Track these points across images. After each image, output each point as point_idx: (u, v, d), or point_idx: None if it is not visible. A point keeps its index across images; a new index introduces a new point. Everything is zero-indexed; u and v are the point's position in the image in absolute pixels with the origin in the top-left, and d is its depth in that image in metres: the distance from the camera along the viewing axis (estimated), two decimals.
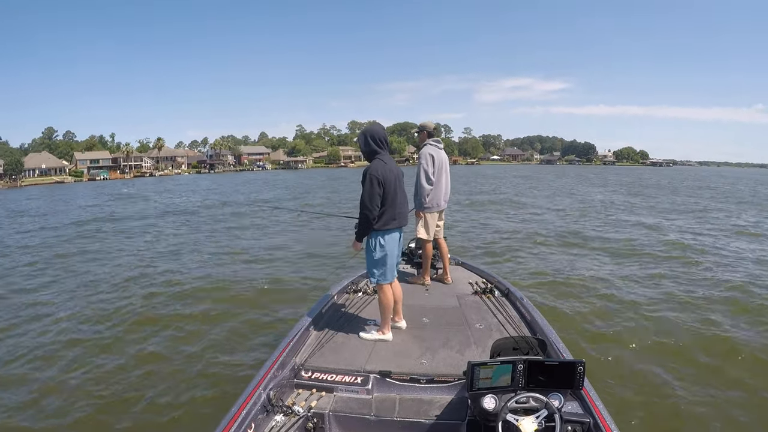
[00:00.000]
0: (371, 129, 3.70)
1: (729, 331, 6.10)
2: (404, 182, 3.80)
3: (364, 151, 3.68)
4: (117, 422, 4.18)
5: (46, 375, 5.07)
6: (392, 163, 3.67)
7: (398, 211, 3.66)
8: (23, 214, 23.43)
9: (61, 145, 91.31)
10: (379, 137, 3.63)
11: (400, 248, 3.83)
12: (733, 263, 9.89)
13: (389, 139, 3.73)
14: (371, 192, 3.48)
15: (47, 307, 7.38)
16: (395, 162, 3.74)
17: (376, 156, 3.62)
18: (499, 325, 4.01)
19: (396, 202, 3.62)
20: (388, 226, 3.61)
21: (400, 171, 3.74)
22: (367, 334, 3.77)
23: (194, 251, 11.69)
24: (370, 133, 3.65)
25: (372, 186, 3.48)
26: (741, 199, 27.85)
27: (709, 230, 14.76)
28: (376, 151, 3.63)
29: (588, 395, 2.71)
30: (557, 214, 18.79)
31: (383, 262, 3.67)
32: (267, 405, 2.79)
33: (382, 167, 3.54)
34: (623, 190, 34.11)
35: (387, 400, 3.02)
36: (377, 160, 3.59)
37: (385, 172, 3.53)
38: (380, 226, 3.59)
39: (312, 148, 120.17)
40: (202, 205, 22.46)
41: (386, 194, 3.55)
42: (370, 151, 3.64)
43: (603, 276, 8.70)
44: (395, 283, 3.89)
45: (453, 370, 3.20)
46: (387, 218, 3.60)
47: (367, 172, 3.52)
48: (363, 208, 3.52)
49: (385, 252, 3.65)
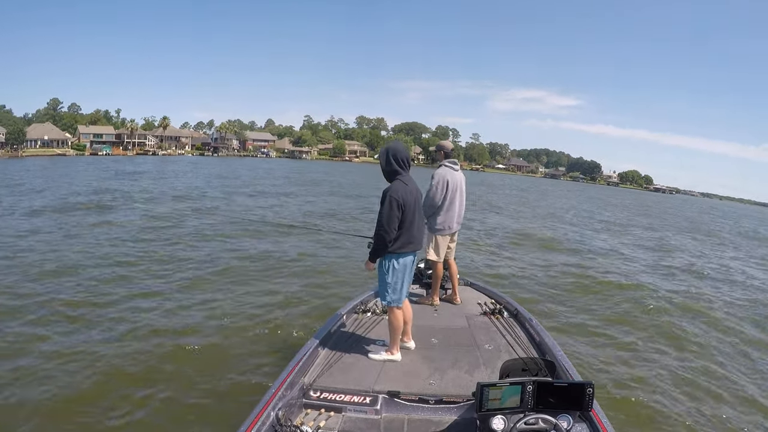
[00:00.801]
0: (395, 147, 3.64)
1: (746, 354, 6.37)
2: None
3: (384, 169, 3.62)
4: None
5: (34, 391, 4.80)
6: (413, 184, 3.61)
7: (415, 235, 3.63)
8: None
9: (66, 117, 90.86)
10: (401, 157, 3.58)
11: (412, 272, 3.81)
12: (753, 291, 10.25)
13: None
14: (390, 215, 3.44)
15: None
16: (414, 182, 3.70)
17: (396, 176, 3.57)
18: (508, 346, 4.05)
19: (413, 226, 3.59)
20: (404, 249, 3.59)
21: (420, 193, 3.73)
22: (376, 354, 3.76)
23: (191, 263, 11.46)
24: (393, 152, 3.59)
25: (391, 209, 3.43)
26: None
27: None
28: (398, 171, 3.57)
29: (597, 417, 2.71)
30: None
31: (396, 285, 3.64)
32: (275, 425, 2.76)
33: (402, 189, 3.49)
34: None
35: (395, 420, 3.03)
36: (398, 182, 3.54)
37: (405, 195, 3.50)
38: (395, 249, 3.56)
39: (318, 140, 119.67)
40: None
41: (405, 217, 3.50)
42: (392, 171, 3.58)
43: (614, 297, 8.79)
44: (405, 304, 3.87)
45: (462, 390, 3.21)
46: (403, 241, 3.56)
47: (388, 193, 3.47)
48: (380, 229, 3.47)
49: (399, 275, 3.63)
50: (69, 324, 6.24)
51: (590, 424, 2.73)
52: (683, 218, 38.72)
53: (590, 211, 32.45)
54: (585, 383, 2.54)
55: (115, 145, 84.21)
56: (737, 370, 5.91)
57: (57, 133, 78.33)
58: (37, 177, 29.52)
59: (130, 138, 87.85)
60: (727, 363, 6.05)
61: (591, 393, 2.51)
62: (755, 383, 5.61)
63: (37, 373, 4.96)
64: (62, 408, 4.44)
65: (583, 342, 6.42)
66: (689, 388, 5.25)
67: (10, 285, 7.50)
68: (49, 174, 32.23)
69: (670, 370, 5.69)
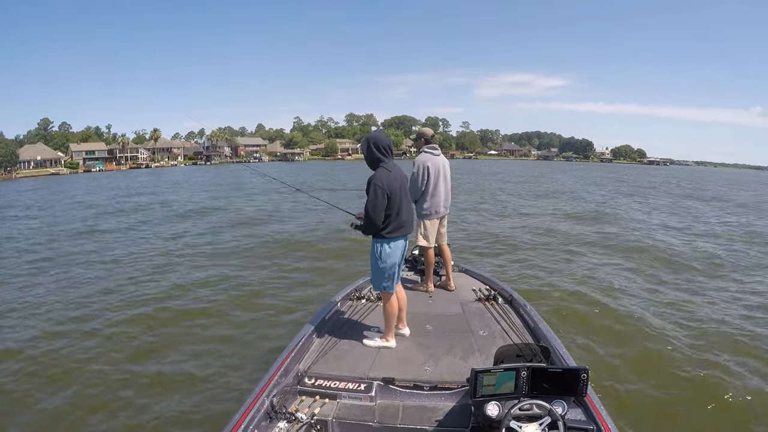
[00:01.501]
0: (375, 136, 3.64)
1: (741, 340, 6.14)
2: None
3: (367, 158, 3.63)
4: (115, 428, 4.19)
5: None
6: (397, 171, 3.62)
7: (404, 219, 3.65)
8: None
9: (57, 137, 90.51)
10: (383, 145, 3.58)
11: (403, 256, 3.81)
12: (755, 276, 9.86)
13: (387, 133, 3.65)
14: (375, 202, 3.46)
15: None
16: (399, 167, 3.71)
17: (380, 164, 3.58)
18: (503, 332, 4.02)
19: (402, 211, 3.61)
20: (393, 234, 3.60)
21: (405, 178, 3.73)
22: (371, 341, 3.77)
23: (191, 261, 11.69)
24: (374, 140, 3.60)
25: (376, 196, 3.45)
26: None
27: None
28: (380, 159, 3.58)
29: (591, 402, 2.71)
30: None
31: (388, 270, 3.66)
32: (270, 412, 2.79)
33: (386, 176, 3.51)
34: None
35: (390, 407, 3.03)
36: (381, 169, 3.55)
37: (390, 182, 3.50)
38: (385, 234, 3.58)
39: (309, 140, 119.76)
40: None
41: (392, 204, 3.52)
42: (374, 159, 3.60)
43: (608, 284, 8.69)
44: (399, 290, 3.89)
45: (456, 377, 3.22)
46: (393, 227, 3.59)
47: (372, 181, 3.49)
48: (368, 217, 3.52)
49: (391, 261, 3.64)
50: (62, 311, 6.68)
51: (585, 409, 2.72)
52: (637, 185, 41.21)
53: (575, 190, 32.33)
54: (580, 369, 2.55)
55: (108, 161, 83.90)
56: (736, 353, 5.76)
57: (49, 152, 78.17)
58: (34, 199, 29.57)
59: (123, 152, 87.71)
60: (723, 346, 5.93)
61: (586, 378, 2.52)
62: (756, 369, 5.44)
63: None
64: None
65: (578, 327, 6.39)
66: (685, 374, 5.20)
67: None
68: (47, 195, 32.29)
69: (665, 355, 5.66)
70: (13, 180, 59.18)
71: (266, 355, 5.26)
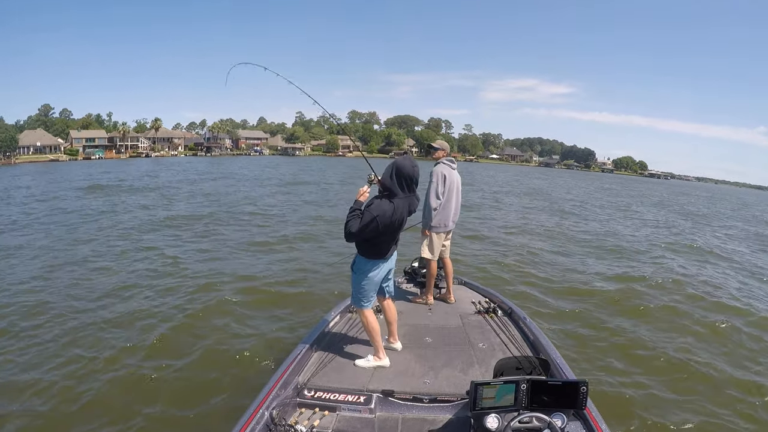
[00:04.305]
0: (400, 163, 3.41)
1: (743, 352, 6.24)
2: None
3: (384, 183, 3.41)
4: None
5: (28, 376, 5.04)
6: (404, 206, 3.42)
7: (388, 249, 3.56)
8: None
9: (57, 123, 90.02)
10: (404, 174, 3.37)
11: (388, 274, 3.72)
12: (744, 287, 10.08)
13: (388, 132, 3.45)
14: (364, 229, 3.29)
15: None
16: (413, 200, 3.52)
17: (393, 197, 3.38)
18: (502, 344, 4.03)
19: (389, 242, 3.52)
20: (375, 258, 3.53)
21: (410, 211, 3.53)
22: (365, 361, 3.67)
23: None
24: (398, 167, 3.38)
25: (368, 226, 3.28)
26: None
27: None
28: (392, 191, 3.38)
29: (591, 415, 2.71)
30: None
31: (367, 287, 3.57)
32: (270, 424, 2.78)
33: (388, 211, 3.33)
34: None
35: (390, 419, 3.03)
36: (386, 201, 3.36)
37: (388, 219, 3.33)
38: (368, 256, 3.52)
39: (311, 136, 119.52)
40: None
41: (381, 236, 3.40)
42: (386, 187, 3.40)
43: (608, 295, 8.71)
44: (389, 303, 3.86)
45: (456, 389, 3.22)
46: (377, 252, 3.51)
47: (372, 211, 3.30)
48: (347, 228, 3.33)
49: (370, 279, 3.55)
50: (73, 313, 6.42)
51: (584, 422, 2.72)
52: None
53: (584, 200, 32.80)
54: (579, 382, 2.54)
55: (107, 149, 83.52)
56: (737, 367, 5.79)
57: (49, 139, 77.68)
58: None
59: (123, 141, 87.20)
60: (724, 360, 5.98)
61: (585, 391, 2.52)
62: (755, 381, 5.49)
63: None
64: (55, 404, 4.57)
65: (578, 340, 6.40)
66: (685, 387, 5.22)
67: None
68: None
69: (665, 368, 5.66)
70: (12, 165, 58.85)
71: (265, 367, 5.22)
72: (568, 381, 2.68)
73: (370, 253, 3.51)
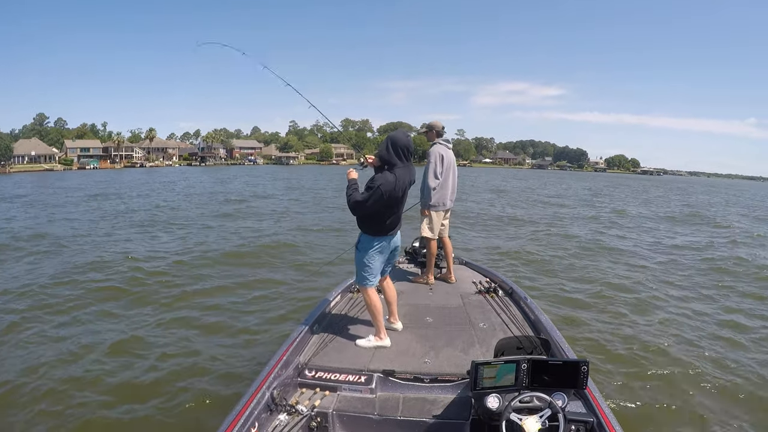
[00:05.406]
0: (393, 135, 3.52)
1: (739, 326, 6.34)
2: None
3: (383, 157, 3.46)
4: (117, 419, 4.17)
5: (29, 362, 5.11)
6: (405, 175, 3.48)
7: (395, 222, 3.58)
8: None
9: (52, 132, 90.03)
10: (400, 145, 3.45)
11: (394, 252, 3.77)
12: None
13: (382, 139, 3.54)
14: (366, 204, 3.37)
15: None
16: (411, 170, 3.59)
17: (393, 168, 3.43)
18: (503, 324, 4.03)
19: (395, 215, 3.55)
20: (381, 234, 3.54)
21: (411, 181, 3.60)
22: (365, 341, 3.66)
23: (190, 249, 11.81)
24: (392, 139, 3.48)
25: (370, 198, 3.35)
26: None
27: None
28: (392, 163, 3.43)
29: (592, 395, 2.71)
30: None
31: (371, 265, 3.59)
32: (270, 404, 2.79)
33: (391, 182, 3.39)
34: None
35: (390, 399, 3.03)
36: (388, 173, 3.41)
37: (393, 189, 3.39)
38: (373, 232, 3.53)
39: (305, 144, 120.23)
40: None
41: (387, 208, 3.44)
42: (386, 160, 3.45)
43: (608, 276, 8.85)
44: (389, 283, 3.88)
45: (457, 369, 3.22)
46: (383, 228, 3.52)
47: (377, 183, 3.36)
48: (350, 203, 3.41)
49: (375, 256, 3.58)
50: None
51: (585, 401, 2.72)
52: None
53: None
54: (580, 361, 2.53)
55: (102, 159, 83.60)
56: (734, 348, 5.90)
57: (44, 148, 77.73)
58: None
59: (117, 151, 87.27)
60: (723, 341, 6.06)
61: (586, 371, 2.51)
62: (755, 361, 5.55)
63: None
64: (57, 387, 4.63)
65: (579, 320, 6.41)
66: (686, 367, 5.24)
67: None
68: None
69: (666, 348, 5.70)
70: (7, 174, 59.08)
71: (266, 347, 5.22)
72: (569, 360, 2.70)
73: (374, 230, 3.52)
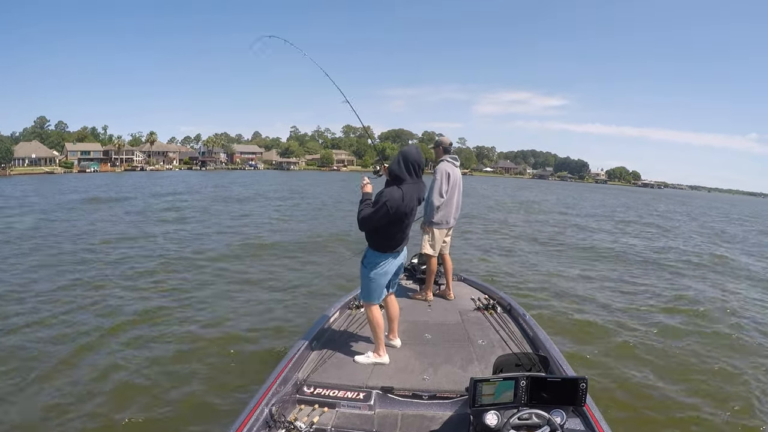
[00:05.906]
0: (405, 150, 3.53)
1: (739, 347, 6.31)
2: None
3: (393, 172, 3.47)
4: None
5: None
6: (414, 192, 3.48)
7: (402, 239, 3.58)
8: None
9: (53, 135, 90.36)
10: (411, 160, 3.46)
11: (399, 269, 3.75)
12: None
13: (383, 146, 3.62)
14: (372, 217, 3.37)
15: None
16: (422, 186, 3.61)
17: (401, 183, 3.43)
18: (502, 341, 4.03)
19: (404, 232, 3.54)
20: (388, 251, 3.54)
21: (420, 198, 3.61)
22: (364, 357, 3.66)
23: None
24: (404, 154, 3.49)
25: (376, 213, 3.35)
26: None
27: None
28: (401, 178, 3.44)
29: (590, 412, 2.71)
30: None
31: (377, 282, 3.58)
32: (269, 421, 2.77)
33: (398, 197, 3.37)
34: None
35: (389, 416, 3.03)
36: (397, 189, 3.39)
37: (399, 205, 3.37)
38: (380, 249, 3.53)
39: (305, 150, 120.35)
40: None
41: (394, 225, 3.43)
42: (396, 176, 3.45)
43: (607, 294, 8.81)
44: (392, 301, 3.86)
45: (455, 386, 3.22)
46: (390, 245, 3.52)
47: (383, 199, 3.35)
48: (361, 221, 3.42)
49: (381, 274, 3.57)
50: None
51: (584, 419, 2.72)
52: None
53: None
54: (578, 378, 2.54)
55: (102, 162, 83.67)
56: (736, 366, 5.84)
57: (44, 151, 77.83)
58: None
59: (118, 154, 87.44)
60: (725, 358, 6.01)
61: (584, 388, 2.51)
62: (754, 378, 5.54)
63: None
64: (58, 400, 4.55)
65: (577, 337, 6.41)
66: (685, 383, 5.23)
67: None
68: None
69: (664, 365, 5.69)
70: (7, 176, 58.87)
71: (265, 364, 5.14)
72: (568, 378, 2.70)
73: (381, 246, 3.52)
